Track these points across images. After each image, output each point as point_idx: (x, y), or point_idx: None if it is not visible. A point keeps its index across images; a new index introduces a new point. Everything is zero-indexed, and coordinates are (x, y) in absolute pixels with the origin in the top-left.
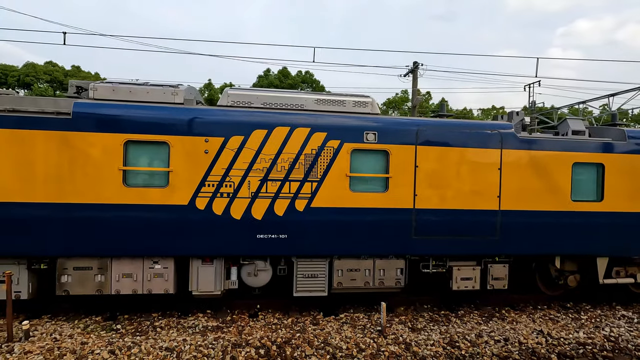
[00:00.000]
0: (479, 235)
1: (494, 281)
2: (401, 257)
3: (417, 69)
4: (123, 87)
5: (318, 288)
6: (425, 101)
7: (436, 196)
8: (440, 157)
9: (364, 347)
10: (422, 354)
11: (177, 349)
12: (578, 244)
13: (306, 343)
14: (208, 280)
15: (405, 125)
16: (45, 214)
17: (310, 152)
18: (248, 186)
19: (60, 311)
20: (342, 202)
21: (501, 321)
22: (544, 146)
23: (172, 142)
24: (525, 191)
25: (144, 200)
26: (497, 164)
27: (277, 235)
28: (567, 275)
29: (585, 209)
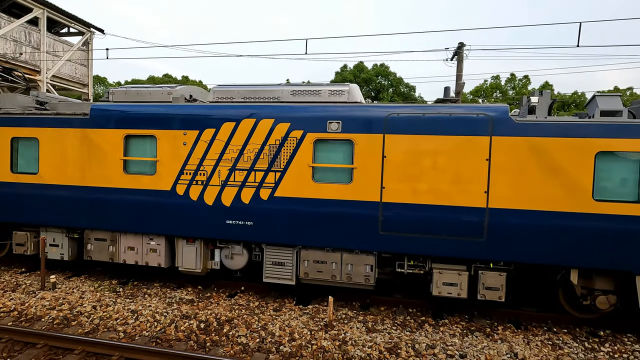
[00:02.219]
0: (461, 236)
1: (485, 291)
2: (370, 253)
3: (461, 51)
4: (132, 90)
5: (285, 276)
6: (523, 86)
7: (407, 190)
8: (413, 146)
9: (296, 337)
10: (352, 354)
11: (138, 312)
12: (604, 256)
13: (244, 325)
14: (190, 258)
15: (371, 112)
16: (74, 194)
17: (274, 143)
18: (218, 175)
19: (94, 273)
20: (304, 193)
21: (483, 337)
22: (552, 132)
23: (158, 136)
24: (524, 187)
25: (138, 185)
26: (485, 154)
27: (244, 222)
28: (597, 294)
29: (616, 212)
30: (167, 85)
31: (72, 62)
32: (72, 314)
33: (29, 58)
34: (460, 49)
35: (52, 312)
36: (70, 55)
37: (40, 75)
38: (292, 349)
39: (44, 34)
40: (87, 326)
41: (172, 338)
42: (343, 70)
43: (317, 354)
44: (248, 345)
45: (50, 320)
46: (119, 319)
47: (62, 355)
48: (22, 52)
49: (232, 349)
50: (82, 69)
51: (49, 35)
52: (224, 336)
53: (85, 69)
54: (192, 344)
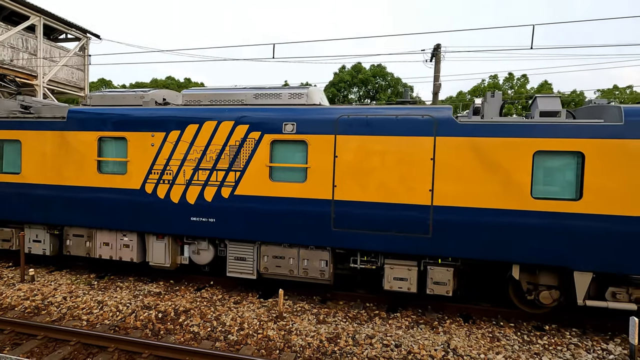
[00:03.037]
0: (408, 233)
1: (434, 285)
2: (324, 248)
3: (438, 52)
4: (108, 94)
5: (247, 271)
6: (521, 85)
7: (357, 188)
8: (362, 146)
9: (245, 327)
10: (294, 342)
11: (103, 303)
12: (543, 252)
13: (199, 315)
14: (160, 254)
15: (324, 114)
16: (53, 193)
17: (234, 144)
18: (183, 174)
19: (75, 267)
20: (263, 191)
21: (428, 329)
22: (493, 132)
23: (128, 137)
24: (467, 185)
25: (111, 184)
26: (429, 154)
27: (207, 219)
28: (542, 290)
29: (554, 209)
30: (141, 90)
31: (68, 67)
32: (44, 304)
33: (26, 64)
34: (437, 51)
35: (26, 302)
36: (67, 60)
37: (37, 80)
38: (239, 338)
39: (40, 41)
40: (55, 315)
41: (130, 326)
42: (341, 71)
43: (261, 342)
44: (199, 333)
45: (23, 309)
46: (85, 308)
47: (25, 340)
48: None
49: (184, 337)
50: (78, 73)
51: (46, 41)
52: (178, 325)
53: (81, 73)
54: (147, 332)
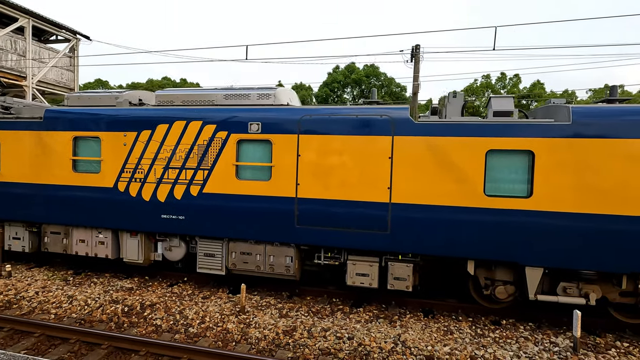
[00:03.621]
0: (368, 229)
1: (394, 281)
2: (289, 245)
3: (417, 53)
4: (85, 95)
5: (216, 267)
6: (514, 85)
7: (319, 186)
8: (324, 145)
9: (207, 320)
10: (250, 334)
11: (73, 297)
12: (494, 248)
13: (164, 309)
14: (133, 250)
15: (287, 114)
16: (31, 191)
17: (203, 143)
18: (154, 173)
19: (55, 264)
20: (229, 189)
21: (386, 323)
22: (448, 132)
23: (102, 137)
24: (423, 183)
25: (86, 183)
26: (387, 153)
27: (177, 216)
28: (498, 285)
29: (506, 206)
30: (116, 91)
31: (58, 67)
32: (16, 298)
33: (15, 65)
34: (416, 51)
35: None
36: (57, 61)
37: (26, 81)
38: (199, 330)
39: (29, 42)
40: (25, 308)
41: (96, 319)
42: (335, 71)
43: (220, 334)
44: (160, 326)
45: None
46: (55, 303)
47: None
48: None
49: (146, 329)
50: (68, 74)
51: (35, 42)
52: (142, 318)
53: (71, 73)
54: (111, 324)
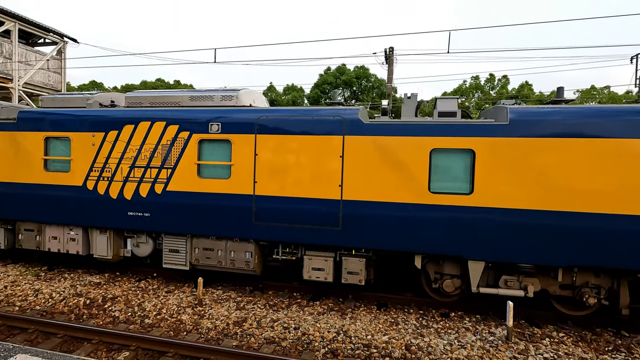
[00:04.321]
0: (322, 225)
1: (348, 275)
2: (248, 241)
3: (391, 55)
4: (58, 97)
5: (180, 262)
6: (502, 86)
7: (276, 184)
8: (280, 145)
9: (163, 312)
10: (202, 325)
11: (39, 291)
12: (439, 243)
13: (124, 302)
14: (102, 246)
15: (245, 115)
16: (6, 190)
17: (166, 143)
18: (121, 172)
19: (30, 260)
20: (192, 187)
21: (337, 315)
22: (394, 131)
23: (71, 137)
24: (372, 180)
25: (56, 182)
26: (339, 152)
27: (143, 214)
28: (446, 278)
29: (448, 203)
30: (88, 93)
31: (45, 70)
32: None
33: (1, 67)
34: (391, 54)
35: None
36: (44, 63)
37: (12, 83)
38: (153, 321)
39: (15, 45)
40: None
41: (57, 311)
42: (326, 72)
43: (173, 324)
44: (118, 317)
45: None
46: (21, 296)
47: None
48: None
49: (103, 320)
50: (55, 76)
51: (22, 45)
52: (102, 311)
53: (58, 76)
54: (71, 316)
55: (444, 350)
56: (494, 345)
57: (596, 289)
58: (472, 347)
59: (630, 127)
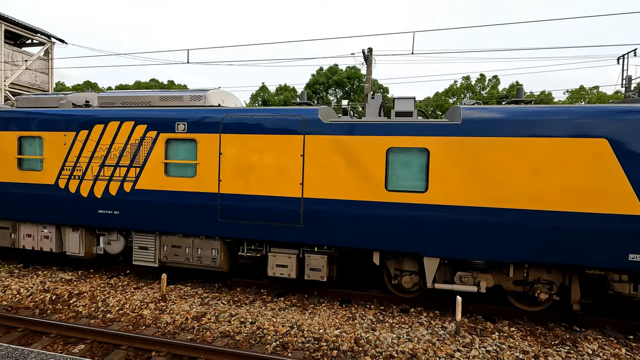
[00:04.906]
0: (284, 223)
1: (310, 271)
2: (214, 238)
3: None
4: (33, 97)
5: (149, 259)
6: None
7: (240, 182)
8: (243, 144)
9: (125, 307)
10: (162, 320)
11: (7, 287)
12: (396, 240)
13: (89, 298)
14: (75, 244)
15: (210, 115)
16: None
17: (135, 142)
18: (91, 170)
19: (7, 258)
20: (159, 185)
21: (297, 310)
22: (353, 131)
23: (44, 136)
24: (332, 179)
25: (29, 180)
26: (300, 150)
27: (112, 211)
28: (405, 275)
29: (404, 200)
30: (62, 93)
31: (32, 70)
32: None
33: None
34: (370, 54)
35: None
36: (30, 64)
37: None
38: (115, 316)
39: (1, 46)
40: None
41: (23, 307)
42: (318, 72)
43: (134, 319)
44: (81, 312)
45: None
46: None
47: None
48: None
49: (66, 315)
50: (42, 77)
51: (8, 46)
52: (66, 306)
53: (45, 76)
54: (36, 311)
55: (391, 343)
56: (441, 339)
57: (549, 285)
58: (419, 340)
59: (574, 127)
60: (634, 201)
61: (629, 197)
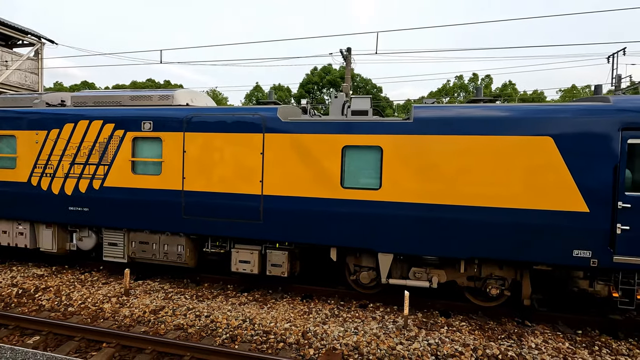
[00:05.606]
0: (246, 219)
1: (272, 267)
2: (179, 234)
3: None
4: (10, 97)
5: (118, 255)
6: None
7: (203, 179)
8: (206, 143)
9: (87, 301)
10: (121, 313)
11: None
12: (351, 236)
13: (54, 292)
14: (48, 240)
15: (174, 114)
16: None
17: (103, 141)
18: (62, 168)
19: None
20: (127, 183)
21: (257, 305)
22: (310, 129)
23: (17, 135)
24: (289, 176)
25: (4, 178)
26: (259, 149)
27: (82, 208)
28: (363, 271)
29: (358, 197)
30: (37, 93)
31: (22, 70)
32: None
33: None
34: (348, 54)
35: None
36: (20, 64)
37: None
38: (76, 310)
39: None
40: None
41: None
42: (313, 72)
43: (93, 312)
44: (44, 306)
45: None
46: None
47: None
48: None
49: (29, 308)
50: (32, 77)
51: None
52: (31, 299)
53: (35, 76)
54: (2, 304)
55: (337, 336)
56: (387, 332)
57: (501, 281)
58: (365, 334)
59: (520, 125)
60: (578, 198)
61: (573, 194)
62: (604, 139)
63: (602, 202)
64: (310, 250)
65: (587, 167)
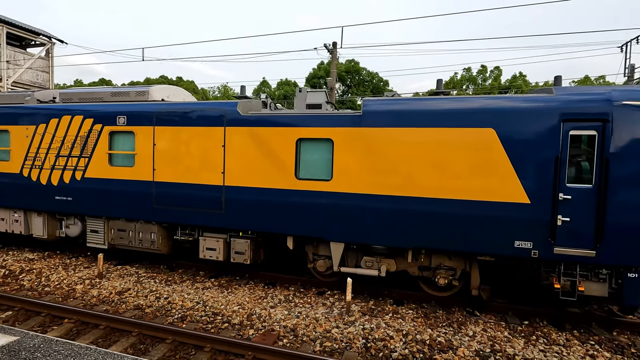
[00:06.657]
0: (209, 209)
1: (236, 255)
2: (151, 222)
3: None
4: (4, 94)
5: (99, 242)
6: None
7: (171, 171)
8: (173, 136)
9: (63, 283)
10: (91, 294)
11: None
12: (305, 225)
13: (35, 274)
14: (39, 227)
15: (146, 109)
16: None
17: (84, 134)
18: (49, 160)
19: None
20: (105, 174)
21: (216, 290)
22: (266, 123)
23: (10, 130)
24: (249, 168)
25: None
26: (221, 142)
27: (66, 198)
28: (319, 259)
29: (311, 188)
30: (30, 90)
31: (33, 69)
32: None
33: None
34: (334, 48)
35: None
36: (32, 63)
37: (1, 82)
38: (52, 290)
39: (3, 47)
40: None
41: None
42: (319, 67)
43: (65, 293)
44: (24, 286)
45: None
46: None
47: None
48: None
49: (11, 287)
50: (43, 75)
51: (10, 47)
52: (14, 280)
53: (46, 74)
54: None
55: (278, 319)
56: (328, 317)
57: (452, 271)
58: (306, 317)
59: (463, 117)
60: (519, 189)
61: (515, 186)
62: (546, 130)
63: (542, 193)
64: (272, 239)
65: (528, 159)
